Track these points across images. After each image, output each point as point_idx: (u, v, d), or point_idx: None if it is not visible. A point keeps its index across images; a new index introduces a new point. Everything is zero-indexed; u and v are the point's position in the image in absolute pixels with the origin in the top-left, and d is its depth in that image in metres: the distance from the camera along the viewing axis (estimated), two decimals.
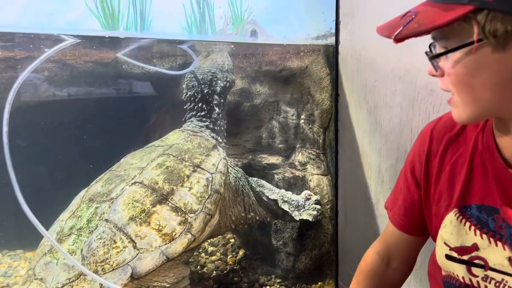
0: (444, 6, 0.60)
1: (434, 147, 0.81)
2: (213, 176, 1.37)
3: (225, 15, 1.77)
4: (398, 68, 1.24)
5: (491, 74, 0.62)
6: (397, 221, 0.90)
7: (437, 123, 0.83)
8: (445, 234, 0.78)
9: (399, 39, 0.62)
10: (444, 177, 0.79)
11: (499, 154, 0.70)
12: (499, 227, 0.70)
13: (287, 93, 1.81)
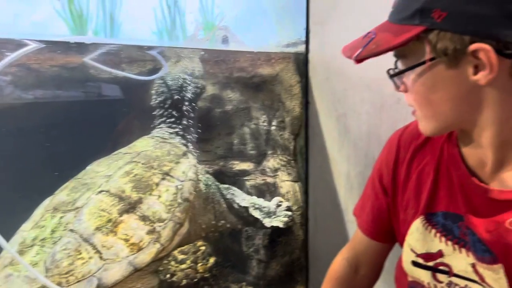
0: (399, 27, 0.63)
1: (401, 155, 0.82)
2: (183, 184, 1.35)
3: (196, 21, 1.76)
4: (366, 77, 1.26)
5: (447, 90, 0.64)
6: (366, 228, 0.91)
7: (404, 131, 0.85)
8: (412, 240, 0.79)
9: (360, 59, 0.65)
10: (411, 185, 0.80)
11: (463, 163, 0.72)
12: (463, 234, 0.72)
13: (258, 100, 1.82)
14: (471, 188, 0.70)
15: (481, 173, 0.70)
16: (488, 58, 0.59)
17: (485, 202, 0.69)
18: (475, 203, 0.70)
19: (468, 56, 0.60)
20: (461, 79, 0.63)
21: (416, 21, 0.61)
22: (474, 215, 0.70)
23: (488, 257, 0.69)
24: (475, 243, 0.70)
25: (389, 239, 0.90)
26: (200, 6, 1.76)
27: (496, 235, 0.67)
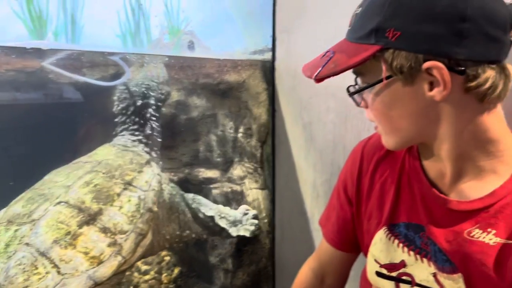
0: (356, 46, 0.65)
1: (365, 166, 0.83)
2: (145, 194, 1.31)
3: (161, 25, 1.73)
4: (331, 86, 1.27)
5: (405, 106, 0.66)
6: (331, 238, 0.92)
7: (367, 143, 0.86)
8: (376, 251, 0.80)
9: (320, 78, 0.66)
10: (374, 196, 0.81)
11: (424, 175, 0.73)
12: (424, 244, 0.73)
13: (225, 107, 1.80)
14: (431, 199, 0.72)
15: (441, 184, 0.72)
16: (441, 75, 0.61)
17: (444, 212, 0.70)
18: (435, 213, 0.71)
19: (422, 74, 0.62)
20: (418, 95, 0.64)
21: (372, 41, 0.63)
22: (435, 225, 0.71)
23: (448, 267, 0.70)
24: (436, 253, 0.71)
25: (354, 249, 0.91)
26: (165, 10, 1.72)
27: (455, 245, 0.69)
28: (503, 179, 0.67)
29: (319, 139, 1.35)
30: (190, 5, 1.73)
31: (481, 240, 0.66)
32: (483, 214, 0.67)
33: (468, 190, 0.69)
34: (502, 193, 0.66)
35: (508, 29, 0.62)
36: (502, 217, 0.66)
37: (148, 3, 1.66)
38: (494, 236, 0.66)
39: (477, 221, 0.67)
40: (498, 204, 0.66)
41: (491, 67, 0.62)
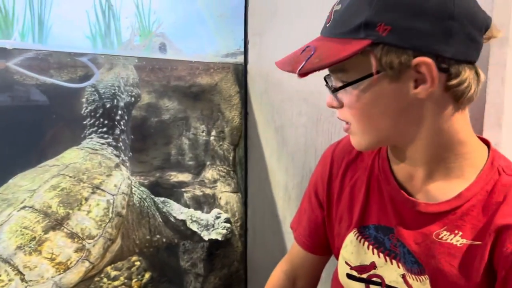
0: (342, 41, 0.63)
1: (335, 170, 0.84)
2: (114, 198, 1.28)
3: (132, 26, 1.70)
4: (303, 90, 1.28)
5: (388, 104, 0.65)
6: (302, 241, 0.92)
7: (336, 147, 0.87)
8: (346, 253, 0.81)
9: (303, 73, 0.63)
10: (345, 199, 0.82)
11: (393, 177, 0.74)
12: (394, 246, 0.74)
13: (197, 109, 1.78)
14: (400, 201, 0.73)
15: (409, 186, 0.73)
16: (430, 71, 0.61)
17: (413, 215, 0.71)
18: (405, 215, 0.72)
19: (410, 70, 0.62)
20: (402, 93, 0.64)
21: (361, 35, 0.61)
22: (404, 227, 0.72)
23: (416, 268, 0.71)
24: (405, 255, 0.72)
25: (326, 251, 0.91)
26: (136, 11, 1.70)
27: (424, 247, 0.70)
28: (469, 181, 0.68)
29: (291, 143, 1.36)
30: (162, 7, 1.71)
31: (449, 242, 0.68)
32: (450, 216, 0.68)
33: (436, 192, 0.70)
34: (468, 195, 0.67)
35: (483, 32, 0.64)
36: (468, 219, 0.67)
37: (119, 4, 1.64)
38: (460, 237, 0.67)
39: (444, 223, 0.68)
40: (464, 206, 0.67)
41: (469, 67, 0.63)
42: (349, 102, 0.67)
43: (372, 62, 0.62)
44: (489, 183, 0.67)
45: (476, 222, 0.66)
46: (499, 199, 0.66)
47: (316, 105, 1.24)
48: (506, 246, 0.63)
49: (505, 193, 0.66)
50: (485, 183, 0.67)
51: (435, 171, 0.69)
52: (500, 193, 0.66)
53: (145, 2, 1.68)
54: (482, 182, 0.68)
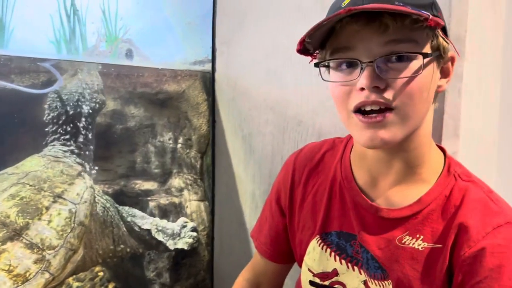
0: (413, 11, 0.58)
1: (297, 177, 0.85)
2: (77, 207, 1.25)
3: (98, 32, 1.67)
4: (270, 99, 1.29)
5: (431, 88, 0.65)
6: (264, 250, 0.92)
7: (299, 154, 0.87)
8: (309, 260, 0.81)
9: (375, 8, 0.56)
10: (307, 206, 0.82)
11: (356, 183, 0.75)
12: (356, 252, 0.75)
13: (163, 117, 1.77)
14: (363, 207, 0.74)
15: (371, 192, 0.74)
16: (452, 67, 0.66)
17: (376, 220, 0.72)
18: (367, 221, 0.74)
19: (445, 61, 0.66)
20: (435, 81, 0.66)
21: (434, 12, 0.62)
22: (367, 233, 0.73)
23: (380, 274, 0.72)
24: (368, 261, 0.73)
25: (288, 259, 0.91)
26: (102, 17, 1.67)
27: (387, 252, 0.71)
28: (429, 185, 0.70)
29: (258, 151, 1.37)
30: (129, 13, 1.69)
31: (411, 246, 0.69)
32: (411, 221, 0.70)
33: (397, 198, 0.72)
34: (428, 200, 0.69)
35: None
36: (428, 223, 0.69)
37: (85, 9, 1.61)
38: (422, 241, 0.69)
39: (406, 228, 0.70)
40: (425, 211, 0.69)
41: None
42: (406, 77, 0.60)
43: (439, 40, 0.63)
44: (446, 188, 0.70)
45: (436, 225, 0.69)
46: (457, 203, 0.68)
47: (282, 114, 1.25)
48: (464, 249, 0.65)
49: (462, 197, 0.68)
50: (443, 188, 0.70)
51: (398, 175, 0.71)
52: (458, 197, 0.69)
53: (112, 8, 1.66)
54: (440, 187, 0.70)
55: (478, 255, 0.64)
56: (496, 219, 0.66)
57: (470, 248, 0.65)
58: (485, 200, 0.68)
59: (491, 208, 0.67)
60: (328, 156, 0.82)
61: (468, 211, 0.67)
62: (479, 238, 0.64)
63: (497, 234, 0.64)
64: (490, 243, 0.64)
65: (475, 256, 0.64)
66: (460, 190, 0.69)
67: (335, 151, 0.82)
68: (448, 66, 0.68)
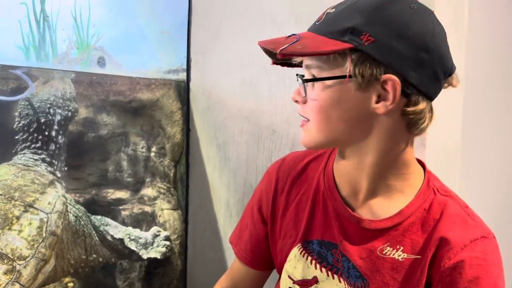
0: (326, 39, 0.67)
1: (280, 186, 0.86)
2: (48, 216, 1.23)
3: (69, 39, 1.65)
4: (245, 109, 1.32)
5: (348, 109, 0.69)
6: (244, 256, 0.93)
7: (282, 163, 0.89)
8: (290, 268, 0.83)
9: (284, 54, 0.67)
10: (290, 214, 0.84)
11: (338, 194, 0.78)
12: (336, 261, 0.77)
13: (137, 125, 1.76)
14: (345, 217, 0.76)
15: (354, 203, 0.77)
16: (394, 90, 0.66)
17: (358, 230, 0.75)
18: (350, 231, 0.76)
19: (377, 84, 0.66)
20: (364, 103, 0.68)
21: (345, 38, 0.65)
22: (349, 242, 0.76)
23: (360, 283, 0.74)
24: (349, 269, 0.76)
25: (267, 266, 0.93)
26: (74, 23, 1.65)
27: (368, 262, 0.74)
28: (409, 198, 0.74)
29: (233, 159, 1.39)
30: (102, 20, 1.68)
31: (391, 256, 0.73)
32: (392, 232, 0.73)
33: (378, 209, 0.75)
34: (408, 212, 0.73)
35: (446, 76, 0.70)
36: (408, 235, 0.72)
37: (55, 16, 1.59)
38: (402, 252, 0.72)
39: (387, 239, 0.73)
40: (405, 223, 0.73)
41: (426, 101, 0.69)
42: (315, 97, 0.70)
43: (348, 65, 0.66)
44: (426, 201, 0.73)
45: (416, 237, 0.72)
46: (436, 216, 0.72)
47: (257, 123, 1.28)
48: (444, 261, 0.69)
49: (441, 210, 0.72)
50: (422, 201, 0.73)
51: (378, 187, 0.74)
52: (437, 210, 0.73)
53: (84, 15, 1.64)
54: (420, 200, 0.73)
55: (458, 266, 0.68)
56: (472, 233, 0.71)
57: (450, 259, 0.69)
58: (463, 215, 0.73)
59: (468, 223, 0.72)
60: (311, 166, 0.85)
61: (447, 225, 0.71)
62: (458, 251, 0.69)
63: (474, 247, 0.69)
64: (468, 255, 0.69)
65: (454, 268, 0.69)
66: (439, 204, 0.73)
67: (318, 162, 0.84)
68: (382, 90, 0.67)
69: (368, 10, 0.66)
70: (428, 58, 0.66)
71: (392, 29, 0.65)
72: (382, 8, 0.66)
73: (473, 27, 1.25)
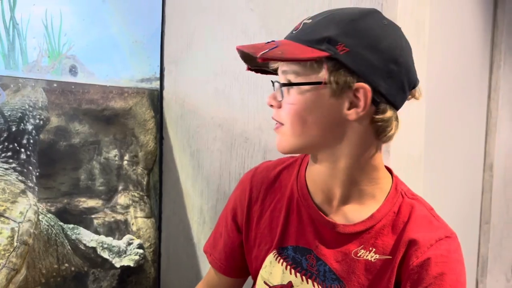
0: (304, 47, 0.71)
1: (254, 195, 0.89)
2: (20, 225, 1.22)
3: (40, 47, 1.64)
4: (218, 117, 1.34)
5: (322, 115, 0.73)
6: (218, 265, 0.95)
7: (255, 172, 0.92)
8: (265, 274, 0.85)
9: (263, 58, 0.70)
10: (265, 222, 0.87)
11: (312, 201, 0.82)
12: (310, 266, 0.81)
13: (109, 133, 1.75)
14: (320, 223, 0.80)
15: (327, 208, 0.80)
16: (365, 97, 0.70)
17: (333, 235, 0.79)
18: (325, 236, 0.79)
19: (350, 92, 0.71)
20: (337, 109, 0.72)
21: (322, 47, 0.70)
22: (325, 246, 0.79)
23: (337, 285, 0.78)
24: (325, 273, 0.79)
25: (242, 274, 0.95)
26: (45, 32, 1.65)
27: (344, 265, 0.78)
28: (379, 203, 0.78)
29: (206, 167, 1.41)
30: (74, 29, 1.68)
31: (365, 258, 0.77)
32: (365, 235, 0.77)
33: (352, 214, 0.78)
34: (379, 216, 0.77)
35: (411, 88, 0.76)
36: (380, 237, 0.76)
37: (25, 24, 1.58)
38: (374, 253, 0.76)
39: (361, 242, 0.77)
40: (377, 226, 0.77)
41: (393, 110, 0.74)
42: (291, 101, 0.74)
43: (323, 72, 0.70)
44: (395, 205, 0.78)
45: (387, 239, 0.76)
46: (405, 219, 0.77)
47: (230, 131, 1.31)
48: (412, 260, 0.74)
49: (409, 213, 0.78)
50: (392, 205, 0.78)
51: (351, 193, 0.78)
52: (405, 213, 0.78)
53: (55, 23, 1.64)
54: (389, 204, 0.78)
55: (424, 264, 0.74)
56: (438, 234, 0.76)
57: (418, 258, 0.74)
58: (429, 217, 0.79)
59: (434, 224, 0.78)
60: (283, 175, 0.88)
61: (415, 226, 0.76)
62: (425, 250, 0.74)
63: (439, 246, 0.75)
64: (434, 254, 0.74)
65: (421, 265, 0.74)
66: (407, 207, 0.78)
67: (290, 170, 0.88)
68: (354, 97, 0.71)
69: (344, 22, 0.71)
70: (397, 70, 0.71)
71: (365, 41, 0.70)
72: (357, 22, 0.71)
73: (434, 39, 1.33)
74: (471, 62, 1.74)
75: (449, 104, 1.57)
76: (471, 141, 1.77)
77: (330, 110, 0.72)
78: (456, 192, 1.67)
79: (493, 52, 1.82)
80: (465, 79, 1.71)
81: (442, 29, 1.46)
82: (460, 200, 1.70)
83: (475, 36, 1.72)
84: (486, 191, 1.83)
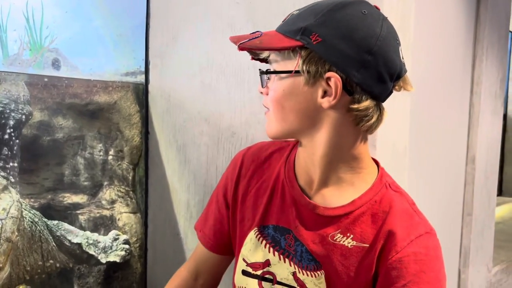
0: (283, 37, 0.75)
1: (243, 171, 0.91)
2: (3, 222, 1.20)
3: (21, 40, 1.61)
4: (204, 111, 1.34)
5: (298, 102, 0.76)
6: (207, 241, 0.97)
7: (247, 151, 0.94)
8: (245, 251, 0.87)
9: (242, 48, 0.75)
10: (249, 200, 0.89)
11: (297, 183, 0.83)
12: (288, 245, 0.83)
13: (94, 128, 1.73)
14: (302, 204, 0.82)
15: (309, 191, 0.82)
16: (336, 86, 0.72)
17: (312, 217, 0.80)
18: (305, 217, 0.81)
19: (322, 81, 0.73)
20: (311, 97, 0.74)
21: (297, 37, 0.72)
22: (304, 228, 0.81)
23: (313, 265, 0.80)
24: (302, 253, 0.81)
25: (229, 251, 0.97)
26: (26, 24, 1.61)
27: (320, 247, 0.79)
28: (360, 191, 0.79)
29: (193, 161, 1.40)
30: (56, 22, 1.65)
31: (341, 243, 0.78)
32: (343, 220, 0.78)
33: (330, 198, 0.80)
34: (360, 203, 0.78)
35: (394, 79, 0.76)
36: (358, 224, 0.78)
37: (5, 16, 1.55)
38: (351, 240, 0.78)
39: (339, 226, 0.78)
40: (356, 212, 0.78)
41: (371, 100, 0.74)
42: (272, 88, 0.78)
43: (297, 61, 0.73)
44: (378, 194, 0.79)
45: (365, 227, 0.78)
46: (386, 209, 0.78)
47: (217, 125, 1.30)
48: (392, 254, 0.76)
49: (390, 204, 0.79)
50: (374, 194, 0.79)
51: (328, 178, 0.80)
52: (387, 204, 0.79)
53: (37, 16, 1.61)
54: (372, 193, 0.79)
55: (404, 260, 0.75)
56: (418, 229, 0.78)
57: (397, 253, 0.75)
58: (410, 211, 0.80)
59: (414, 219, 0.79)
60: (275, 156, 0.90)
61: (395, 219, 0.78)
62: (404, 245, 0.76)
63: (419, 242, 0.76)
64: (413, 251, 0.75)
65: (400, 261, 0.75)
66: (389, 198, 0.80)
67: (281, 153, 0.90)
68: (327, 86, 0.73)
69: (322, 12, 0.73)
70: (371, 60, 0.72)
71: (339, 31, 0.72)
72: (335, 12, 0.73)
73: (419, 32, 1.34)
74: (454, 57, 1.77)
75: (434, 98, 1.59)
76: (454, 135, 1.80)
77: (306, 98, 0.75)
78: (439, 184, 1.70)
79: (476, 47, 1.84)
80: (449, 73, 1.74)
81: (427, 24, 1.47)
82: (443, 192, 1.73)
83: (458, 32, 1.75)
84: (468, 184, 1.86)
